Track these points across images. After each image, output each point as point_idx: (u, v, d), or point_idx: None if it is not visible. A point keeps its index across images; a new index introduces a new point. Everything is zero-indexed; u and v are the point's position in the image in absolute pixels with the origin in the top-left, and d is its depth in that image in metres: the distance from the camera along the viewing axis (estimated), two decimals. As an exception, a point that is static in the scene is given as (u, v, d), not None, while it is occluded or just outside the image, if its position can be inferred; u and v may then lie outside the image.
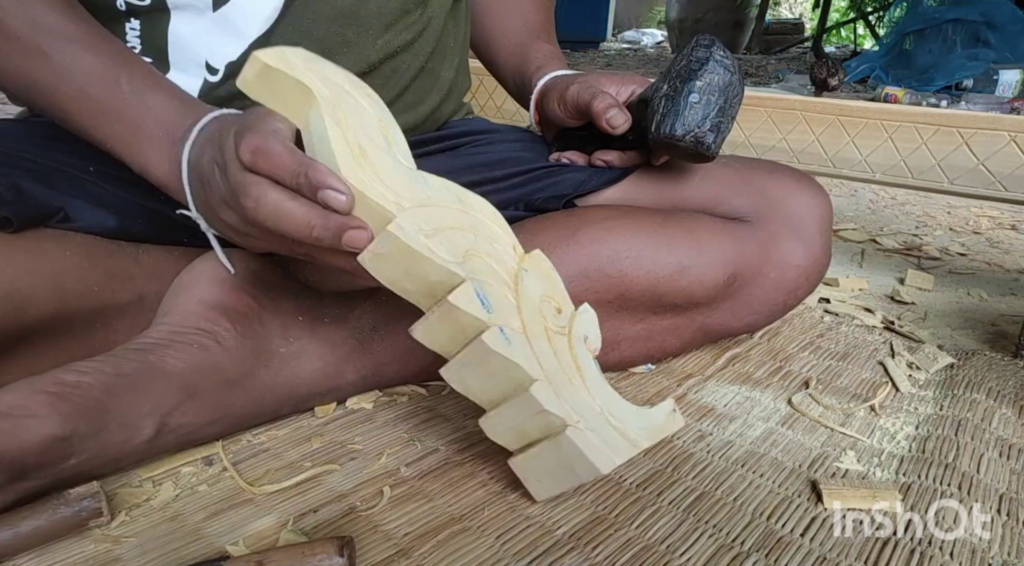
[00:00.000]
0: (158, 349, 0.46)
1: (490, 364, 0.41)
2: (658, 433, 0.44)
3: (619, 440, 0.43)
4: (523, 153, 0.67)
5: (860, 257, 1.04)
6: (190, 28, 0.53)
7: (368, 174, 0.38)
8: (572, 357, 0.44)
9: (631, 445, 0.43)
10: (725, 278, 0.58)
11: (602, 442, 0.42)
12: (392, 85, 0.61)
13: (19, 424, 0.38)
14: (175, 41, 0.54)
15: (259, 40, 0.54)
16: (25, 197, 0.48)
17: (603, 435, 0.42)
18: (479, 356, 0.41)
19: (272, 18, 0.54)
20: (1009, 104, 2.16)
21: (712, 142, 0.53)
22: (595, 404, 0.43)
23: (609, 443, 0.42)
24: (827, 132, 0.85)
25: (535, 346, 0.42)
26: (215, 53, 0.54)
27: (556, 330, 0.44)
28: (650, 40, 6.08)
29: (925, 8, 3.09)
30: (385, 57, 0.59)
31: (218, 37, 0.54)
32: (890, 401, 0.61)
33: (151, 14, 0.53)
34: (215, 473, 0.47)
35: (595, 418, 0.43)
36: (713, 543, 0.43)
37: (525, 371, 0.41)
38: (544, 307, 0.44)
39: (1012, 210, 1.35)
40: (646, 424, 0.44)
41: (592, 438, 0.42)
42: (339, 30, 0.56)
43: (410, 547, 0.41)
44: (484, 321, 0.40)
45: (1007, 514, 0.47)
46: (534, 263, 0.44)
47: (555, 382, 0.42)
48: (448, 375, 0.44)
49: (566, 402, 0.42)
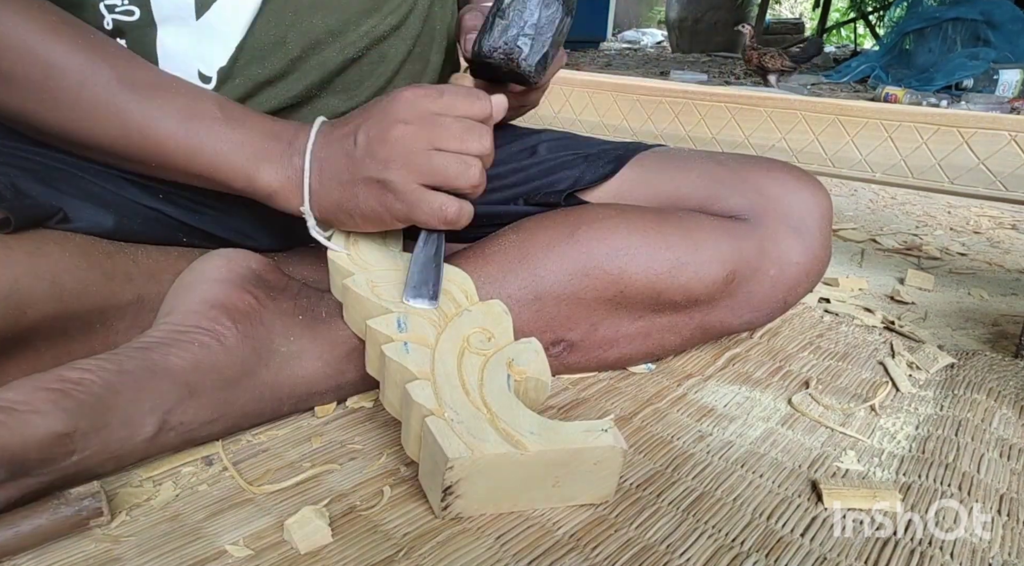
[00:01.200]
0: (160, 347, 0.46)
1: (393, 373, 0.46)
2: (562, 443, 0.43)
3: (493, 436, 0.42)
4: (521, 151, 0.67)
5: (860, 257, 1.04)
6: (177, 40, 0.53)
7: (350, 254, 0.54)
8: (480, 370, 0.47)
9: (511, 445, 0.42)
10: (724, 275, 0.58)
11: (467, 433, 0.42)
12: (381, 71, 0.61)
13: (22, 420, 0.38)
14: (165, 55, 0.54)
15: (246, 40, 0.54)
16: (24, 197, 0.48)
17: (474, 429, 0.42)
18: (388, 370, 0.47)
19: (253, 16, 0.54)
20: (1009, 104, 2.16)
21: (524, 58, 0.54)
22: (481, 406, 0.44)
23: (476, 436, 0.42)
24: (827, 132, 0.85)
25: (437, 358, 0.47)
26: (206, 61, 0.55)
27: (476, 351, 0.48)
28: (650, 40, 6.08)
29: (925, 8, 3.09)
30: (371, 43, 0.59)
31: (206, 45, 0.54)
32: (890, 401, 0.61)
33: (138, 31, 0.53)
34: (215, 473, 0.47)
35: (471, 415, 0.43)
36: (713, 543, 0.43)
37: (412, 373, 0.46)
38: (474, 335, 0.49)
39: (1012, 210, 1.35)
40: (545, 432, 0.43)
41: (455, 428, 0.42)
42: (321, 20, 0.56)
43: (410, 547, 0.41)
44: (391, 337, 0.47)
45: (1007, 514, 0.47)
46: (484, 307, 0.52)
47: (440, 384, 0.45)
48: (381, 396, 0.49)
49: (444, 401, 0.44)
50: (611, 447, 0.43)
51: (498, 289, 0.54)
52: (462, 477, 0.41)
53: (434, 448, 0.41)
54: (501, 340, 0.50)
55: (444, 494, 0.42)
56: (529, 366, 0.48)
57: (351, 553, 0.41)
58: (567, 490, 0.45)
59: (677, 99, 0.95)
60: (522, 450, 0.42)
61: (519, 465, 0.42)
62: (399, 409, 0.47)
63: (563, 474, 0.44)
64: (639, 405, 0.58)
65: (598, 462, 0.44)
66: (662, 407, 0.58)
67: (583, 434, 0.43)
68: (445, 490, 0.42)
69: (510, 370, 0.48)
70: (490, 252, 0.56)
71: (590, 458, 0.43)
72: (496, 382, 0.46)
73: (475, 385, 0.46)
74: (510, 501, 0.44)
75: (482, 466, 0.41)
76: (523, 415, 0.44)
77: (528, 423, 0.44)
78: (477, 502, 0.43)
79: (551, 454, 0.42)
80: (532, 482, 0.43)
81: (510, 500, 0.44)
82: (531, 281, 0.55)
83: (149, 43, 0.53)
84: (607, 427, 0.44)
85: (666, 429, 0.55)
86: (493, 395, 0.45)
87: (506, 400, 0.45)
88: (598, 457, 0.44)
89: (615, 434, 0.44)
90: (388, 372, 0.47)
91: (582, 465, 0.44)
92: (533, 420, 0.44)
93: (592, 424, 0.44)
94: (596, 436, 0.43)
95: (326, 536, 0.41)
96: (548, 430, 0.43)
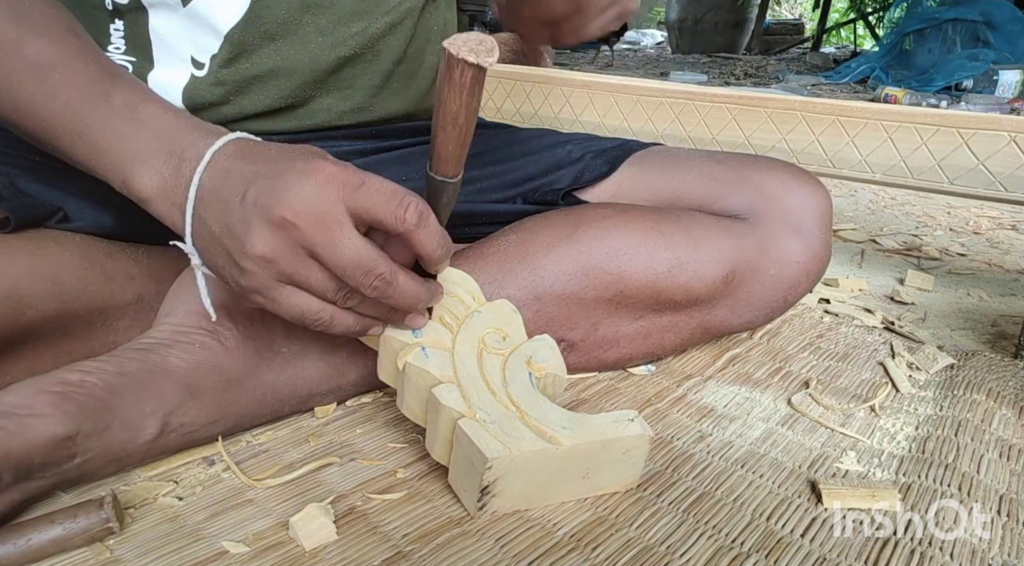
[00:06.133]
0: (161, 348, 0.46)
1: (413, 378, 0.46)
2: (594, 435, 0.44)
3: (528, 434, 0.43)
4: (520, 149, 0.68)
5: (860, 257, 1.04)
6: (169, 25, 0.54)
7: None
8: (502, 369, 0.47)
9: (545, 442, 0.42)
10: (723, 275, 0.58)
11: (501, 432, 0.42)
12: (374, 71, 0.62)
13: (24, 424, 0.38)
14: (158, 39, 0.55)
15: (234, 31, 0.54)
16: (23, 197, 0.48)
17: (507, 428, 0.43)
18: (408, 376, 0.46)
19: (243, 9, 0.54)
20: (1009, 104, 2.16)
21: None
22: (509, 405, 0.45)
23: (511, 435, 0.42)
24: (827, 132, 0.85)
25: (458, 361, 0.47)
26: (199, 47, 0.55)
27: (493, 351, 0.48)
28: (650, 40, 6.08)
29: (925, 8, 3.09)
30: (365, 42, 0.59)
31: (196, 32, 0.54)
32: (890, 401, 0.61)
33: (132, 13, 0.54)
34: (215, 473, 0.47)
35: (502, 415, 0.44)
36: (713, 544, 0.43)
37: (435, 377, 0.45)
38: (488, 335, 0.49)
39: (1012, 210, 1.35)
40: (575, 426, 0.44)
41: (489, 428, 0.42)
42: (311, 18, 0.56)
43: (409, 550, 0.41)
44: (407, 342, 0.46)
45: (1007, 514, 0.47)
46: (493, 307, 0.51)
47: (466, 387, 0.45)
48: (399, 402, 0.48)
49: (473, 403, 0.44)
50: (639, 435, 0.45)
51: (498, 289, 0.54)
52: (499, 476, 0.42)
53: (470, 450, 0.42)
54: (515, 339, 0.50)
55: (481, 494, 0.42)
56: (547, 363, 0.49)
57: (351, 554, 0.41)
58: (596, 480, 0.46)
59: (677, 100, 0.95)
60: (557, 445, 0.42)
61: (553, 460, 0.43)
62: (421, 415, 0.47)
63: (593, 465, 0.45)
64: (639, 406, 0.58)
65: (627, 451, 0.45)
66: (662, 407, 0.58)
67: (612, 425, 0.45)
68: (483, 490, 0.42)
69: (530, 368, 0.48)
70: (489, 252, 0.56)
71: (619, 448, 0.45)
72: (519, 380, 0.47)
73: (499, 385, 0.46)
74: (542, 495, 0.45)
75: (519, 464, 0.42)
76: (552, 410, 0.45)
77: (558, 418, 0.44)
78: (511, 499, 0.44)
79: (584, 447, 0.43)
80: (564, 475, 0.44)
81: (542, 495, 0.45)
82: (531, 281, 0.55)
83: (143, 25, 0.54)
84: (633, 417, 0.45)
85: (666, 429, 0.55)
86: (519, 393, 0.46)
87: (532, 397, 0.46)
88: (627, 446, 0.45)
89: (641, 423, 0.45)
90: (408, 378, 0.46)
91: (611, 455, 0.45)
92: (562, 415, 0.45)
93: (619, 415, 0.45)
94: (624, 426, 0.45)
95: (331, 533, 0.41)
96: (578, 424, 0.44)
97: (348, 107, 0.61)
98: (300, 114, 0.60)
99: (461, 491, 0.45)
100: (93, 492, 0.44)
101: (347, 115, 0.62)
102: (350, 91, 0.61)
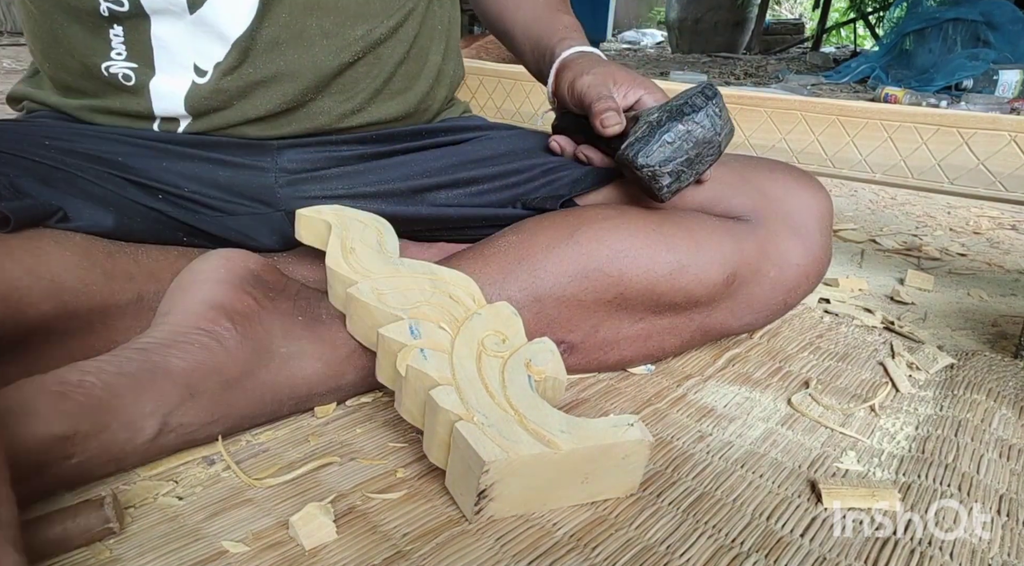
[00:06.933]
0: (160, 349, 0.46)
1: (411, 380, 0.46)
2: (593, 440, 0.43)
3: (526, 438, 0.42)
4: (520, 152, 0.67)
5: (860, 257, 1.04)
6: (172, 32, 0.54)
7: (349, 261, 0.53)
8: (500, 372, 0.47)
9: (544, 446, 0.42)
10: (724, 277, 0.58)
11: (499, 435, 0.42)
12: (377, 72, 0.62)
13: (22, 423, 0.38)
14: (160, 45, 0.54)
15: (242, 38, 0.54)
16: (24, 197, 0.48)
17: (505, 432, 0.42)
18: (406, 377, 0.46)
19: (251, 16, 0.54)
20: (1009, 104, 2.16)
21: (666, 186, 0.55)
22: (508, 408, 0.44)
23: (509, 438, 0.42)
24: (827, 132, 0.85)
25: (456, 363, 0.46)
26: (202, 55, 0.55)
27: (493, 354, 0.48)
28: (650, 40, 6.08)
29: (925, 8, 3.09)
30: (368, 47, 0.59)
31: (201, 40, 0.54)
32: (890, 401, 0.61)
33: (133, 20, 0.53)
34: (215, 473, 0.47)
35: (500, 418, 0.43)
36: (713, 543, 0.43)
37: (434, 379, 0.45)
38: (487, 337, 0.49)
39: (1012, 210, 1.35)
40: (574, 430, 0.43)
41: (487, 431, 0.42)
42: (317, 22, 0.56)
43: (409, 549, 0.41)
44: (405, 344, 0.47)
45: (1007, 514, 0.47)
46: (493, 309, 0.51)
47: (464, 389, 0.45)
48: (397, 404, 0.48)
49: (471, 405, 0.44)
50: (639, 441, 0.44)
51: (498, 291, 0.54)
52: (497, 480, 0.42)
53: (467, 452, 0.41)
54: (515, 341, 0.50)
55: (478, 498, 0.42)
56: (547, 366, 0.49)
57: (350, 554, 0.41)
58: (595, 486, 0.45)
59: (677, 99, 0.94)
60: (555, 449, 0.42)
61: (552, 464, 0.43)
62: (418, 417, 0.47)
63: (592, 470, 0.44)
64: (639, 406, 0.58)
65: (626, 456, 0.45)
66: (662, 407, 0.58)
67: (611, 429, 0.44)
68: (480, 494, 0.42)
69: (529, 371, 0.48)
70: (489, 254, 0.56)
71: (619, 453, 0.44)
72: (518, 383, 0.47)
73: (498, 387, 0.46)
74: (540, 500, 0.44)
75: (517, 467, 0.42)
76: (550, 414, 0.45)
77: (557, 422, 0.44)
78: (509, 504, 0.44)
79: (583, 451, 0.43)
80: (563, 480, 0.44)
81: (540, 499, 0.44)
82: (531, 283, 0.55)
83: (144, 33, 0.54)
84: (632, 421, 0.45)
85: (666, 429, 0.55)
86: (517, 396, 0.45)
87: (531, 400, 0.45)
88: (626, 451, 0.44)
89: (641, 428, 0.45)
90: (406, 380, 0.46)
91: (610, 460, 0.44)
92: (561, 419, 0.44)
93: (618, 419, 0.45)
94: (624, 431, 0.44)
95: (331, 532, 0.41)
96: (577, 428, 0.44)
97: (347, 109, 0.61)
98: (299, 117, 0.60)
99: (458, 495, 0.45)
100: (93, 492, 0.44)
101: (346, 117, 0.62)
102: (351, 94, 0.61)
